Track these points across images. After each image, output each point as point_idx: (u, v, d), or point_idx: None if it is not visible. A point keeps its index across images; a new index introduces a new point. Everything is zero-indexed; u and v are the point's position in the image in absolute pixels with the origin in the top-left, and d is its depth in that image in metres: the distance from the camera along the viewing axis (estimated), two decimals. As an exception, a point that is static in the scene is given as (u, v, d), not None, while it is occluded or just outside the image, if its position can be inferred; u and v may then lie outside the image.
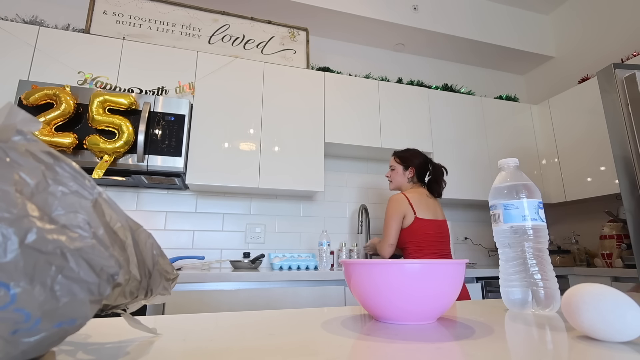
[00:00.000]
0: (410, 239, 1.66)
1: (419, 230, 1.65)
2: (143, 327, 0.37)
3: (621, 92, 1.60)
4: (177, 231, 2.18)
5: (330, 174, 2.58)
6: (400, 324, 0.44)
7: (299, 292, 1.69)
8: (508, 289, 0.56)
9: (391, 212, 1.68)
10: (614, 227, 2.22)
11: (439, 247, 1.66)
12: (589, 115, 2.43)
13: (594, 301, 0.34)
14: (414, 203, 1.67)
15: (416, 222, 1.65)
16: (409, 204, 1.67)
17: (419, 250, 1.64)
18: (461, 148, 2.56)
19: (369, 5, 2.64)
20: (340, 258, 2.25)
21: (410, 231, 1.66)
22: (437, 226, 1.68)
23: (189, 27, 2.22)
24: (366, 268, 0.44)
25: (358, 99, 2.40)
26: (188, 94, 2.04)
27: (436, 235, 1.66)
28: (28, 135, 0.25)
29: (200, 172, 1.97)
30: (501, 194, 0.59)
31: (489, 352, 0.31)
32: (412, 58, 3.10)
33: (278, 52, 2.37)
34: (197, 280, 1.58)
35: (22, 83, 1.71)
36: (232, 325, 0.44)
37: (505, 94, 3.01)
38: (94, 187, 0.27)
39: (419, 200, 1.69)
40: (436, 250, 1.65)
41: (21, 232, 0.22)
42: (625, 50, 2.53)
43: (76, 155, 1.71)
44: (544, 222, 0.57)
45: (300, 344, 0.34)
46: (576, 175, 2.48)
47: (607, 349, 0.32)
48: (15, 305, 0.21)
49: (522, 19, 3.12)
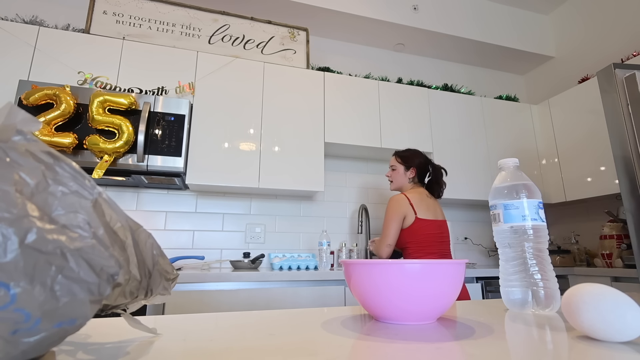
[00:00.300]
0: (411, 239, 1.66)
1: (419, 230, 1.65)
2: (143, 327, 0.37)
3: (621, 92, 1.60)
4: (177, 231, 2.18)
5: (330, 174, 2.58)
6: (400, 324, 0.44)
7: (299, 292, 1.69)
8: (508, 289, 0.56)
9: (392, 213, 1.67)
10: (614, 227, 2.22)
11: (439, 247, 1.66)
12: (589, 115, 2.43)
13: (594, 301, 0.34)
14: (414, 203, 1.67)
15: (417, 222, 1.65)
16: (410, 204, 1.66)
17: (419, 250, 1.64)
18: (461, 148, 2.56)
19: (369, 5, 2.64)
20: (340, 258, 2.25)
21: (411, 231, 1.66)
22: (437, 226, 1.68)
23: (189, 27, 2.22)
24: (366, 268, 0.44)
25: (358, 99, 2.40)
26: (188, 94, 2.04)
27: (436, 236, 1.67)
28: (28, 135, 0.25)
29: (200, 172, 1.97)
30: (501, 194, 0.59)
31: (489, 352, 0.31)
32: (412, 58, 3.10)
33: (278, 52, 2.37)
34: (197, 280, 1.58)
35: (22, 83, 1.71)
36: (232, 325, 0.44)
37: (505, 94, 3.01)
38: (94, 187, 0.27)
39: (420, 201, 1.69)
40: (436, 250, 1.65)
41: (21, 232, 0.22)
42: (625, 50, 2.53)
43: (76, 155, 1.71)
44: (544, 222, 0.57)
45: (300, 344, 0.34)
46: (576, 175, 2.48)
47: (607, 349, 0.32)
48: (15, 305, 0.21)
49: (522, 19, 3.12)
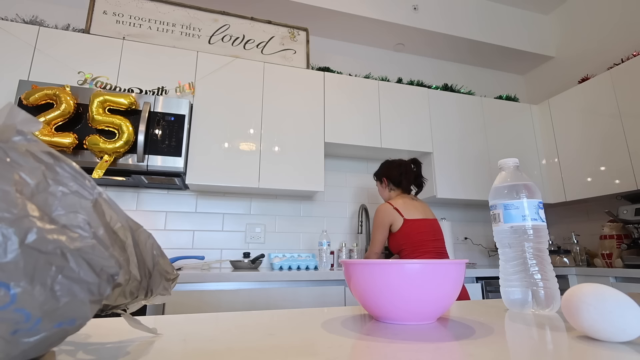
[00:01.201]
0: (404, 241, 1.69)
1: (410, 231, 1.68)
2: (143, 327, 0.37)
3: None
4: (177, 231, 2.18)
5: (330, 174, 2.58)
6: (400, 324, 0.44)
7: (299, 292, 1.69)
8: (508, 289, 0.56)
9: (377, 223, 1.76)
10: (614, 227, 2.22)
11: (434, 244, 1.68)
12: (589, 115, 2.43)
13: (594, 301, 0.34)
14: (399, 207, 1.73)
15: (406, 223, 1.69)
16: (394, 209, 1.73)
17: (414, 250, 1.66)
18: (461, 148, 2.56)
19: (369, 5, 2.64)
20: (340, 258, 2.25)
21: (402, 234, 1.69)
22: (428, 225, 1.71)
23: (189, 27, 2.22)
24: (366, 268, 0.44)
25: (358, 99, 2.40)
26: (188, 94, 2.04)
27: (429, 234, 1.69)
28: (28, 135, 0.25)
29: (200, 172, 1.97)
30: (501, 194, 0.59)
31: (489, 352, 0.31)
32: (412, 58, 3.10)
33: (278, 52, 2.37)
34: (197, 280, 1.58)
35: (22, 83, 1.71)
36: (232, 325, 0.44)
37: (505, 94, 3.01)
38: (94, 187, 0.27)
39: (405, 204, 1.75)
40: (431, 249, 1.66)
41: (21, 232, 0.22)
42: (626, 50, 2.53)
43: (76, 155, 1.71)
44: (544, 222, 0.57)
45: (300, 344, 0.34)
46: (576, 175, 2.48)
47: (607, 349, 0.32)
48: (15, 305, 0.21)
49: (522, 19, 3.12)
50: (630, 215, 2.13)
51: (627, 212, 2.15)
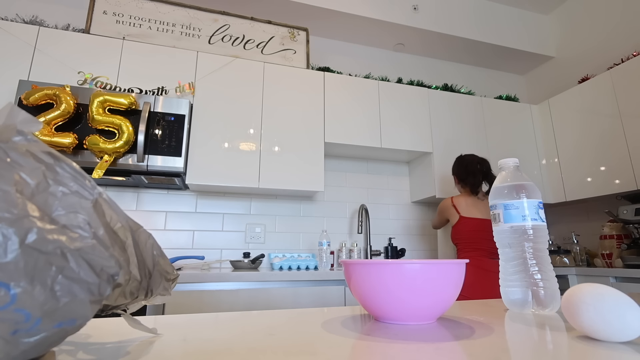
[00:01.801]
0: (459, 236, 1.81)
1: (465, 227, 1.79)
2: (143, 327, 0.37)
3: None
4: (177, 231, 2.18)
5: (330, 174, 2.58)
6: (400, 324, 0.44)
7: (299, 292, 1.69)
8: (508, 289, 0.56)
9: (437, 210, 2.02)
10: (614, 227, 2.22)
11: (488, 244, 1.73)
12: (589, 115, 2.43)
13: (594, 301, 0.34)
14: (457, 204, 1.85)
15: (461, 220, 1.81)
16: (452, 205, 1.86)
17: (466, 246, 1.76)
18: (461, 148, 2.56)
19: (369, 5, 2.64)
20: (340, 258, 2.25)
21: (457, 229, 1.82)
22: (485, 225, 1.76)
23: (189, 27, 2.22)
24: (366, 268, 0.44)
25: (358, 99, 2.40)
26: (188, 94, 2.04)
27: (484, 233, 1.75)
28: (28, 135, 0.25)
29: (200, 172, 1.97)
30: (501, 194, 0.59)
31: (489, 352, 0.31)
32: (412, 58, 3.10)
33: (278, 52, 2.37)
34: (197, 280, 1.58)
35: (22, 83, 1.71)
36: (232, 326, 0.44)
37: (505, 94, 3.00)
38: (94, 188, 0.27)
39: (466, 201, 1.85)
40: (484, 248, 1.72)
41: (21, 232, 0.22)
42: (626, 50, 2.53)
43: (76, 155, 1.71)
44: (544, 222, 0.57)
45: (300, 344, 0.34)
46: (576, 175, 2.48)
47: (607, 349, 0.32)
48: (15, 305, 0.21)
49: (522, 19, 3.12)
50: (630, 215, 2.13)
51: (627, 212, 2.15)
